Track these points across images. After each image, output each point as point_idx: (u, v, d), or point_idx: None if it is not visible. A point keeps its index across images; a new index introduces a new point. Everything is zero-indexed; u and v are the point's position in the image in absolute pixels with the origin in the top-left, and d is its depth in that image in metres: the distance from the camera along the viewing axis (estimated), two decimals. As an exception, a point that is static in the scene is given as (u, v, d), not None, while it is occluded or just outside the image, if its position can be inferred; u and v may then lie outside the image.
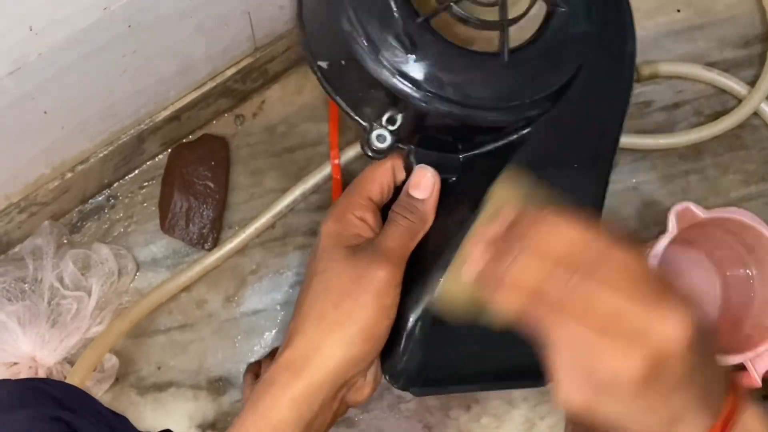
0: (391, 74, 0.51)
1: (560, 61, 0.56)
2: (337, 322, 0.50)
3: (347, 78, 0.56)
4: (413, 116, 0.54)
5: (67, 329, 0.76)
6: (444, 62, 0.52)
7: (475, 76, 0.53)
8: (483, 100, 0.52)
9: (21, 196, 0.73)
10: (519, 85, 0.54)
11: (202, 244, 0.82)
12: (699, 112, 0.90)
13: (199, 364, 0.80)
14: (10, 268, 0.77)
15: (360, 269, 0.50)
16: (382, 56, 0.51)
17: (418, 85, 0.51)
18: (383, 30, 0.51)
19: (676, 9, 0.93)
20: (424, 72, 0.51)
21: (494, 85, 0.53)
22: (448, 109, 0.52)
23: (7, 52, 0.54)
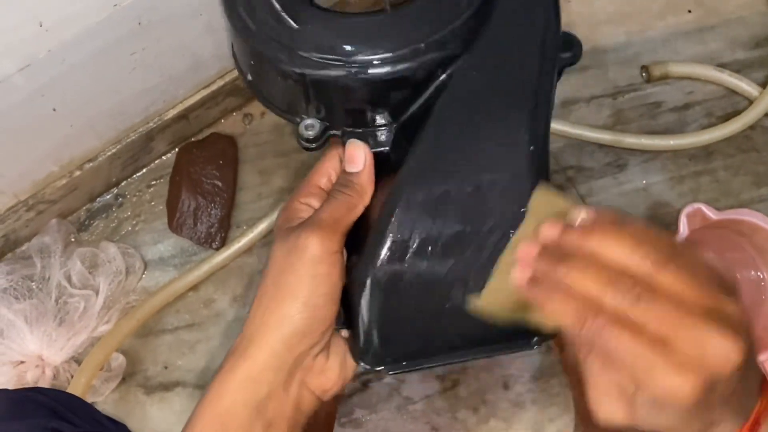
0: (286, 57, 0.53)
1: (454, 3, 0.54)
2: (273, 299, 0.50)
3: (264, 79, 0.57)
4: (321, 95, 0.55)
5: (74, 328, 0.76)
6: (329, 28, 0.53)
7: (361, 33, 0.53)
8: (374, 53, 0.52)
9: (29, 194, 0.73)
10: (406, 31, 0.53)
11: (209, 243, 0.81)
12: (710, 113, 0.89)
13: (206, 363, 0.80)
14: (17, 267, 0.77)
15: (291, 242, 0.50)
16: (273, 41, 0.53)
17: (309, 59, 0.52)
18: (267, 16, 0.53)
19: (687, 10, 0.92)
20: (311, 43, 0.52)
21: (380, 36, 0.53)
22: (344, 72, 0.52)
23: (17, 48, 0.53)
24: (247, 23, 0.53)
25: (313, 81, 0.52)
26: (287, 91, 0.56)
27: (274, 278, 0.50)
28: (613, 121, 0.88)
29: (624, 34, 0.91)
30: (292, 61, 0.52)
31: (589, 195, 0.86)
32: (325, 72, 0.52)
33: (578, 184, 0.86)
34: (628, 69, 0.90)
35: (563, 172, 0.86)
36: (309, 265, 0.49)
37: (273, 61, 0.53)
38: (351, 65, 0.51)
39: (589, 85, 0.89)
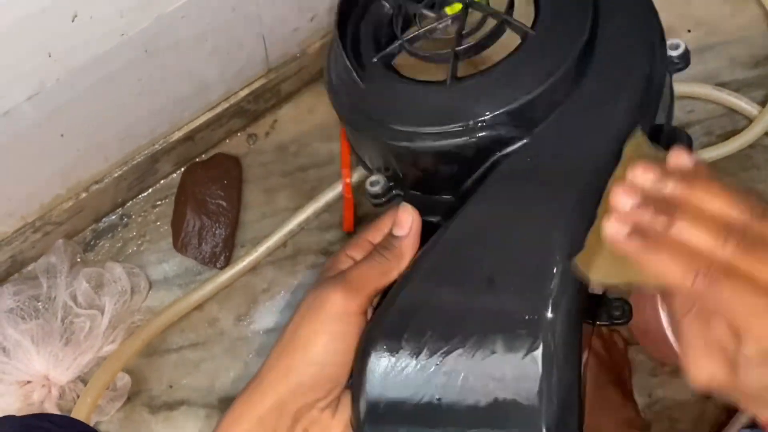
0: (347, 112, 0.54)
1: (517, 82, 0.50)
2: (286, 347, 0.50)
3: (350, 133, 0.58)
4: (378, 155, 0.55)
5: (80, 348, 0.76)
6: (386, 93, 0.53)
7: (413, 102, 0.52)
8: (419, 125, 0.51)
9: (36, 216, 0.74)
10: (463, 107, 0.50)
11: (214, 262, 0.82)
12: (710, 132, 0.90)
13: (210, 382, 0.81)
14: (24, 287, 0.78)
15: (317, 293, 0.49)
16: (341, 93, 0.54)
17: (364, 119, 0.53)
18: (341, 68, 0.54)
19: (686, 29, 0.93)
20: (368, 103, 0.53)
21: (438, 109, 0.51)
22: (389, 139, 0.51)
23: (26, 78, 0.54)
24: (330, 69, 0.56)
25: (368, 140, 0.53)
26: (355, 142, 0.57)
27: (293, 326, 0.50)
28: (614, 140, 0.89)
29: (624, 53, 0.92)
30: (351, 118, 0.54)
31: (591, 213, 0.86)
32: (374, 133, 0.52)
33: (579, 202, 0.87)
34: (629, 88, 0.90)
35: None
36: (325, 321, 0.48)
37: (338, 112, 0.55)
38: (397, 133, 0.51)
39: (590, 105, 0.90)
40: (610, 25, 0.53)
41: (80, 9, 0.51)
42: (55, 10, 0.50)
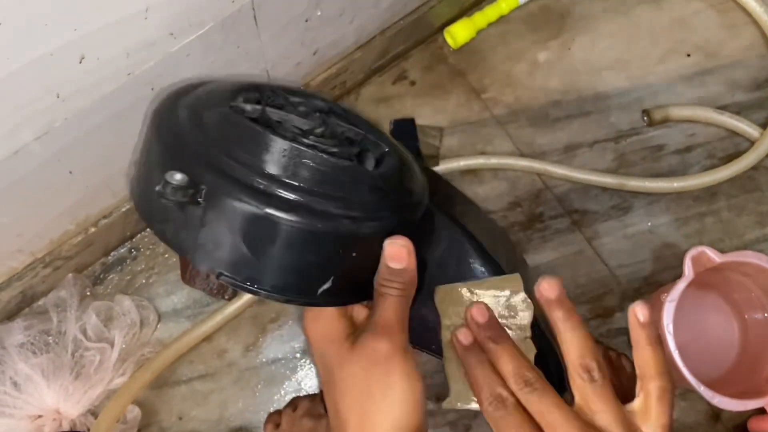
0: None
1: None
2: (377, 413, 0.48)
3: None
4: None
5: (90, 381, 0.77)
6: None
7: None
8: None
9: (46, 251, 0.74)
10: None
11: (222, 293, 0.83)
12: (712, 155, 0.90)
13: (219, 413, 0.81)
14: (34, 321, 0.79)
15: (372, 355, 0.49)
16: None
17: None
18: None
19: (686, 53, 0.94)
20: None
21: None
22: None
23: (34, 119, 0.55)
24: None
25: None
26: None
27: (364, 393, 0.49)
28: (616, 165, 0.90)
29: (625, 79, 0.93)
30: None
31: (595, 238, 0.87)
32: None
33: (584, 227, 0.87)
34: (630, 113, 0.91)
35: (569, 215, 0.87)
36: (401, 371, 0.48)
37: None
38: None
39: (591, 130, 0.91)
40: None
41: (87, 51, 0.52)
42: (62, 52, 0.51)
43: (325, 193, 0.46)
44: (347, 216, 0.46)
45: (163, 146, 0.49)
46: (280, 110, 0.54)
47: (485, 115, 0.91)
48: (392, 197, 0.50)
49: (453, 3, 0.90)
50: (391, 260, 0.49)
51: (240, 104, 0.52)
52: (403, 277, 0.50)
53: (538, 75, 0.93)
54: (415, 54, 0.93)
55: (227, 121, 0.49)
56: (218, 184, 0.45)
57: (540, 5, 0.96)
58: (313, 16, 0.70)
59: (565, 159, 0.90)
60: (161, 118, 0.51)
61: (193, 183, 0.45)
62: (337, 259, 0.48)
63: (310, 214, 0.45)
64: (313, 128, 0.53)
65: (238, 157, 0.46)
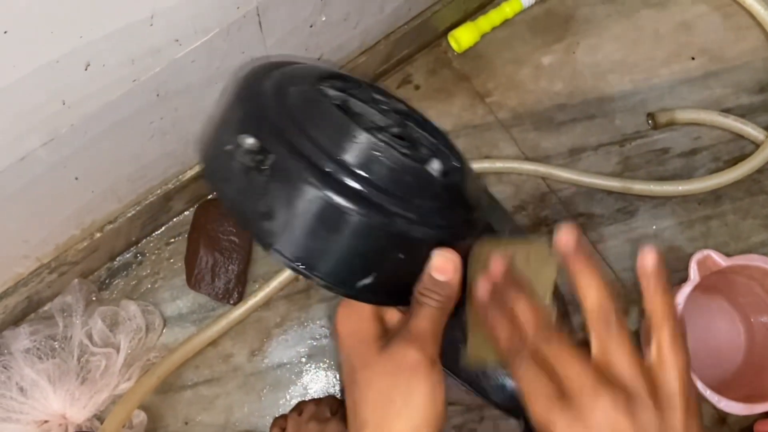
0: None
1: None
2: (397, 419, 0.48)
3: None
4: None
5: (96, 386, 0.77)
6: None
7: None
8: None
9: (52, 257, 0.75)
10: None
11: (227, 298, 0.83)
12: (717, 158, 0.90)
13: (225, 418, 0.81)
14: (40, 327, 0.79)
15: (399, 361, 0.49)
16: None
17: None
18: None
19: (690, 57, 0.94)
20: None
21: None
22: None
23: (40, 125, 0.55)
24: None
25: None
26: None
27: (385, 398, 0.49)
28: (621, 168, 0.90)
29: (630, 82, 0.93)
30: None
31: (600, 241, 0.87)
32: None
33: (589, 231, 0.87)
34: (635, 117, 0.91)
35: (574, 219, 0.87)
36: (426, 381, 0.48)
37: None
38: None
39: (596, 133, 0.91)
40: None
41: (93, 58, 0.52)
42: (68, 59, 0.51)
43: (387, 189, 0.46)
44: (402, 216, 0.46)
45: (243, 111, 0.49)
46: (362, 103, 0.54)
47: (490, 119, 0.91)
48: (452, 209, 0.50)
49: (457, 7, 0.90)
50: (436, 271, 0.49)
51: (325, 88, 0.52)
52: (445, 290, 0.49)
53: (542, 78, 0.93)
54: (420, 58, 0.93)
55: (311, 100, 0.49)
56: (286, 157, 0.45)
57: (544, 9, 0.96)
58: (318, 21, 0.70)
59: (570, 162, 0.90)
60: (247, 85, 0.52)
61: (264, 150, 0.45)
62: (382, 257, 0.47)
63: (366, 205, 0.45)
64: (389, 126, 0.53)
65: (313, 137, 0.46)
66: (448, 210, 0.49)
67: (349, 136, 0.46)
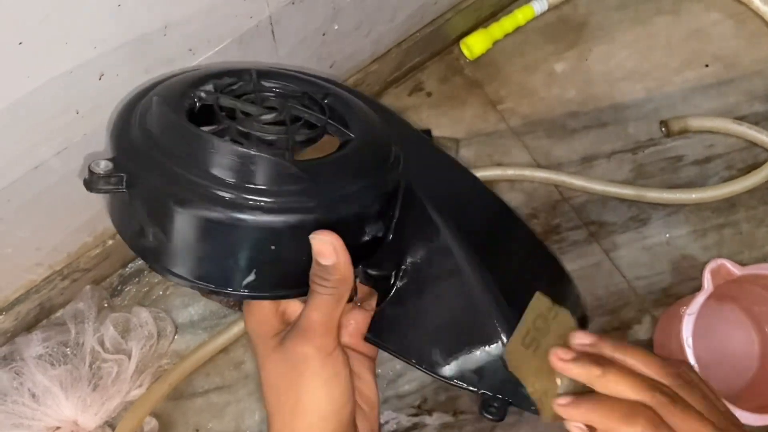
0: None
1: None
2: (286, 421, 0.48)
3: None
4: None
5: (107, 392, 0.77)
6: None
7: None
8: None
9: (64, 264, 0.75)
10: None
11: (239, 306, 0.83)
12: (731, 166, 0.90)
13: (236, 425, 0.81)
14: (52, 333, 0.79)
15: (290, 356, 0.48)
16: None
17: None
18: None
19: (704, 64, 0.93)
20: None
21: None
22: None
23: (54, 134, 0.56)
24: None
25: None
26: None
27: (284, 396, 0.48)
28: (634, 176, 0.89)
29: (643, 89, 0.92)
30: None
31: (613, 249, 0.86)
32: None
33: (601, 239, 0.87)
34: (648, 124, 0.91)
35: (586, 227, 0.87)
36: (314, 378, 0.47)
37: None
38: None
39: (609, 141, 0.90)
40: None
41: (107, 68, 0.53)
42: (82, 70, 0.51)
43: (234, 183, 0.45)
44: (251, 207, 0.45)
45: (109, 138, 0.51)
46: (237, 98, 0.53)
47: (502, 126, 0.91)
48: (322, 190, 0.47)
49: (469, 15, 0.90)
50: (319, 256, 0.47)
51: (197, 92, 0.52)
52: (333, 275, 0.47)
53: (554, 86, 0.93)
54: (432, 65, 0.93)
55: (165, 115, 0.49)
56: (137, 170, 0.46)
57: (557, 16, 0.95)
58: (330, 30, 0.70)
59: (583, 170, 0.89)
60: (118, 113, 0.52)
61: (117, 170, 0.46)
62: (253, 252, 0.46)
63: (210, 201, 0.44)
64: (259, 115, 0.52)
65: (164, 148, 0.47)
66: (318, 190, 0.47)
67: (191, 139, 0.46)
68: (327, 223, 0.47)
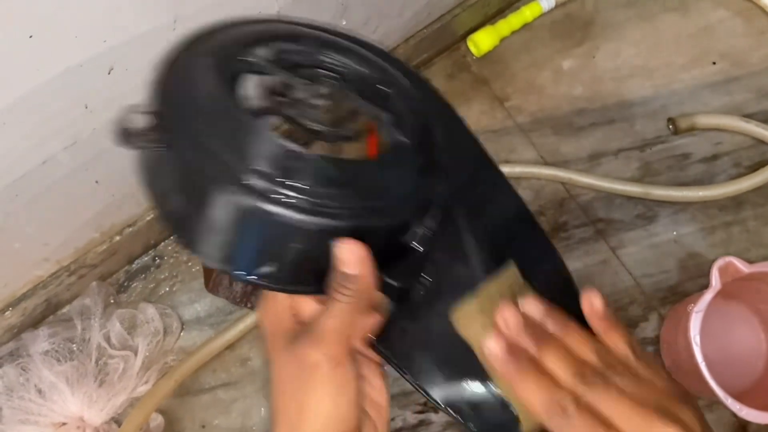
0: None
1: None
2: (299, 422, 0.47)
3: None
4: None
5: (114, 389, 0.77)
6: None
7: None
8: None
9: (71, 259, 0.75)
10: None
11: (245, 302, 0.83)
12: (738, 164, 0.89)
13: (242, 422, 0.81)
14: (59, 329, 0.79)
15: (301, 360, 0.46)
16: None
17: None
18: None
19: (711, 61, 0.93)
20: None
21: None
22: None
23: (63, 129, 0.56)
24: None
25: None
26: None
27: (290, 398, 0.47)
28: (641, 174, 0.89)
29: (650, 87, 0.92)
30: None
31: (620, 247, 0.86)
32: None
33: (608, 236, 0.86)
34: (655, 122, 0.91)
35: (593, 224, 0.87)
36: (321, 386, 0.46)
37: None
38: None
39: (616, 138, 0.90)
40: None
41: (116, 62, 0.52)
42: (92, 64, 0.51)
43: (268, 173, 0.43)
44: (286, 204, 0.43)
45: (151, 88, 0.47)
46: (291, 71, 0.49)
47: (509, 123, 0.91)
48: (360, 197, 0.45)
49: (476, 11, 0.90)
50: (341, 263, 0.46)
51: (250, 55, 0.48)
52: (355, 285, 0.46)
53: (562, 83, 0.92)
54: (439, 62, 0.93)
55: (206, 81, 0.45)
56: (174, 134, 0.43)
57: (564, 13, 0.95)
58: (338, 25, 0.70)
59: (590, 167, 0.89)
60: (167, 60, 0.48)
61: (154, 127, 0.44)
62: (278, 246, 0.44)
63: (243, 189, 0.42)
64: (310, 100, 0.48)
65: (204, 115, 0.44)
66: (358, 198, 0.45)
67: (234, 119, 0.43)
68: (358, 231, 0.45)
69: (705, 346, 0.72)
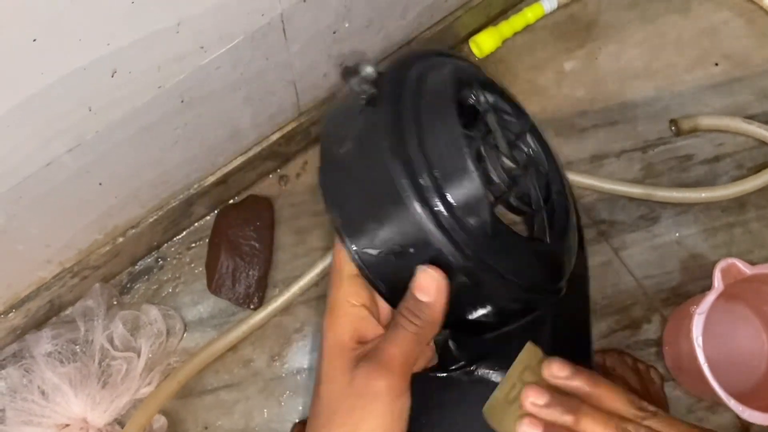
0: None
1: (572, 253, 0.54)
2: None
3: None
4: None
5: (117, 390, 0.77)
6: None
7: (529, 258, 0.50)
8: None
9: (74, 261, 0.75)
10: (558, 268, 0.51)
11: (247, 303, 0.83)
12: (740, 165, 0.89)
13: (245, 423, 0.81)
14: (62, 331, 0.79)
15: (361, 385, 0.45)
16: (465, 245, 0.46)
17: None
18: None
19: (714, 63, 0.93)
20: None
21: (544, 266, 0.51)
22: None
23: (66, 131, 0.56)
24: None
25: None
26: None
27: (341, 422, 0.46)
28: (643, 175, 0.89)
29: (653, 88, 0.92)
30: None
31: (623, 248, 0.86)
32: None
33: (611, 238, 0.87)
34: (658, 123, 0.91)
35: (596, 226, 0.87)
36: (382, 414, 0.45)
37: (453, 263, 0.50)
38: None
39: (619, 140, 0.90)
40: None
41: (119, 65, 0.52)
42: (95, 66, 0.51)
43: (433, 187, 0.44)
44: (438, 223, 0.44)
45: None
46: (501, 125, 0.51)
47: (511, 125, 0.91)
48: (490, 252, 0.46)
49: (479, 13, 0.90)
50: (418, 289, 0.46)
51: (480, 94, 0.51)
52: (425, 314, 0.46)
53: (564, 84, 0.92)
54: (441, 63, 0.93)
55: (443, 87, 0.48)
56: (383, 105, 0.45)
57: (566, 14, 0.95)
58: (341, 27, 0.70)
59: (592, 169, 0.89)
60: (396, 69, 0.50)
61: (373, 84, 0.45)
62: (397, 243, 0.45)
63: (412, 194, 0.44)
64: (503, 155, 0.50)
65: (421, 115, 0.46)
66: (488, 250, 0.46)
67: (445, 134, 0.45)
68: (463, 273, 0.45)
69: (707, 348, 0.72)
